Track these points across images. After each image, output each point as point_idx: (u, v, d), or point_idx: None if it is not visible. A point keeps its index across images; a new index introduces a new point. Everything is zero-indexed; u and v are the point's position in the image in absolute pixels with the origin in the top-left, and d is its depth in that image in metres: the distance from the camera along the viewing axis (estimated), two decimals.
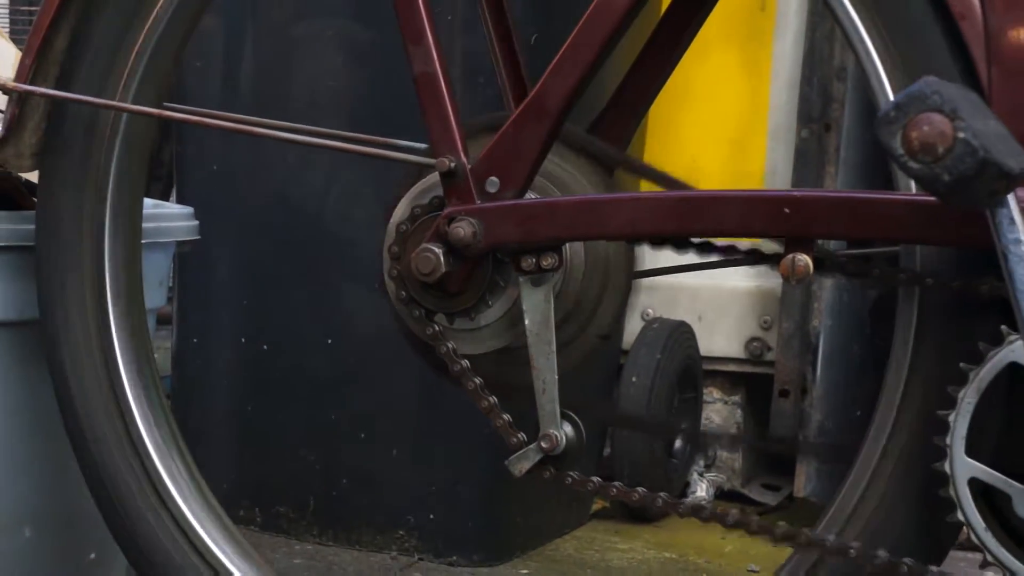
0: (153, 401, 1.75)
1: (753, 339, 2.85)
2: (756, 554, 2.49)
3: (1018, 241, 1.26)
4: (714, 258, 1.55)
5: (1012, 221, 1.26)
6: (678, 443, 2.81)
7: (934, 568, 1.38)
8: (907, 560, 1.38)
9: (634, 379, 2.68)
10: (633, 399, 2.67)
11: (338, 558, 2.37)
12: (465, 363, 1.53)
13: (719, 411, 2.92)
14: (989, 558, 1.33)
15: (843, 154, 2.71)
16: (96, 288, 1.73)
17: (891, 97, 1.40)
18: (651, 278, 2.75)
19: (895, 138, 1.24)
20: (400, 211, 1.57)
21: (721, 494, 2.87)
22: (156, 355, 1.83)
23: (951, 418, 1.34)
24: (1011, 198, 1.25)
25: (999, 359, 1.32)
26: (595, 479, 1.50)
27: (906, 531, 1.43)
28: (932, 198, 1.34)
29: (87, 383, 1.73)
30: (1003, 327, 1.31)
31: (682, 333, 2.80)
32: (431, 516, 2.39)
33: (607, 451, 2.70)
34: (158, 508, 1.72)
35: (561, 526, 2.61)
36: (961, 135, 1.22)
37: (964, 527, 1.34)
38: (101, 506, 1.75)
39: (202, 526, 1.71)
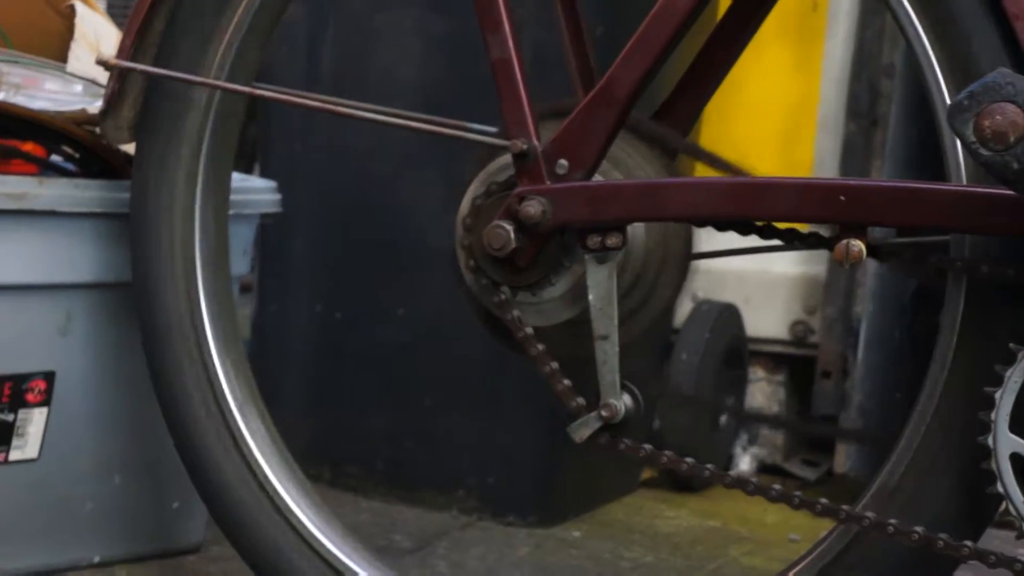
0: (235, 361, 1.76)
1: (797, 322, 2.85)
2: (796, 525, 2.49)
3: None
4: (772, 242, 1.54)
5: None
6: (723, 419, 2.80)
7: (969, 543, 1.37)
8: (943, 535, 1.37)
9: (684, 356, 2.68)
10: (682, 375, 2.67)
11: (401, 515, 2.38)
12: (529, 330, 1.53)
13: (763, 389, 2.91)
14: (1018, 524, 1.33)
15: (889, 149, 2.70)
16: (186, 254, 1.73)
17: (945, 93, 1.39)
18: (701, 263, 2.75)
19: (967, 126, 1.25)
20: (475, 187, 1.57)
21: (763, 468, 2.87)
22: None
23: (997, 395, 1.33)
24: None
25: None
26: (647, 446, 1.50)
27: (947, 505, 1.42)
28: (984, 188, 1.35)
29: (175, 343, 1.74)
30: None
31: (730, 315, 2.79)
32: (490, 479, 2.40)
33: (656, 424, 2.69)
34: (237, 462, 1.72)
35: (612, 493, 2.61)
36: None
37: (1003, 501, 1.33)
38: (184, 458, 1.77)
39: (278, 480, 1.72)
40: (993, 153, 1.24)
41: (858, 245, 1.39)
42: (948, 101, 1.38)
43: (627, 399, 1.51)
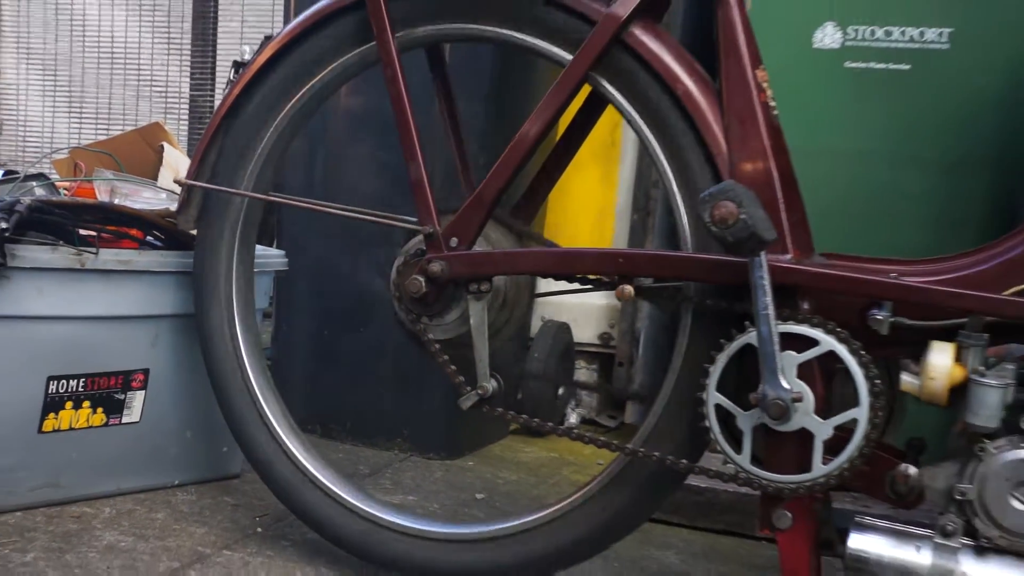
0: (258, 361, 1.76)
1: (604, 332, 2.86)
2: (603, 455, 2.51)
3: (762, 277, 1.29)
4: (580, 285, 1.57)
5: (761, 266, 1.29)
6: (560, 391, 2.81)
7: (684, 460, 1.41)
8: (669, 457, 1.42)
9: (536, 355, 2.67)
10: (535, 367, 2.67)
11: (363, 453, 2.38)
12: (431, 335, 1.55)
13: (584, 374, 2.92)
14: (718, 448, 1.36)
15: (656, 230, 2.73)
16: (227, 295, 1.74)
17: (679, 199, 1.43)
18: (546, 297, 2.75)
19: (706, 211, 1.28)
20: (402, 254, 1.59)
21: (584, 420, 2.88)
22: (262, 336, 1.84)
23: (711, 368, 1.36)
24: (764, 254, 1.29)
25: (742, 340, 1.34)
26: (500, 409, 1.53)
27: (682, 439, 1.45)
28: (701, 255, 1.39)
29: (221, 351, 1.75)
30: (747, 322, 1.34)
31: (564, 328, 2.78)
32: (418, 431, 2.40)
33: (519, 396, 2.69)
34: (260, 422, 1.73)
35: (492, 438, 2.62)
36: (742, 216, 1.26)
37: (709, 432, 1.37)
38: (227, 421, 1.77)
39: (285, 434, 1.72)
40: (718, 230, 1.27)
41: (629, 288, 1.42)
42: (681, 204, 1.42)
43: (494, 383, 1.52)
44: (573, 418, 2.85)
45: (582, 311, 2.86)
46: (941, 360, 1.26)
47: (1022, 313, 1.23)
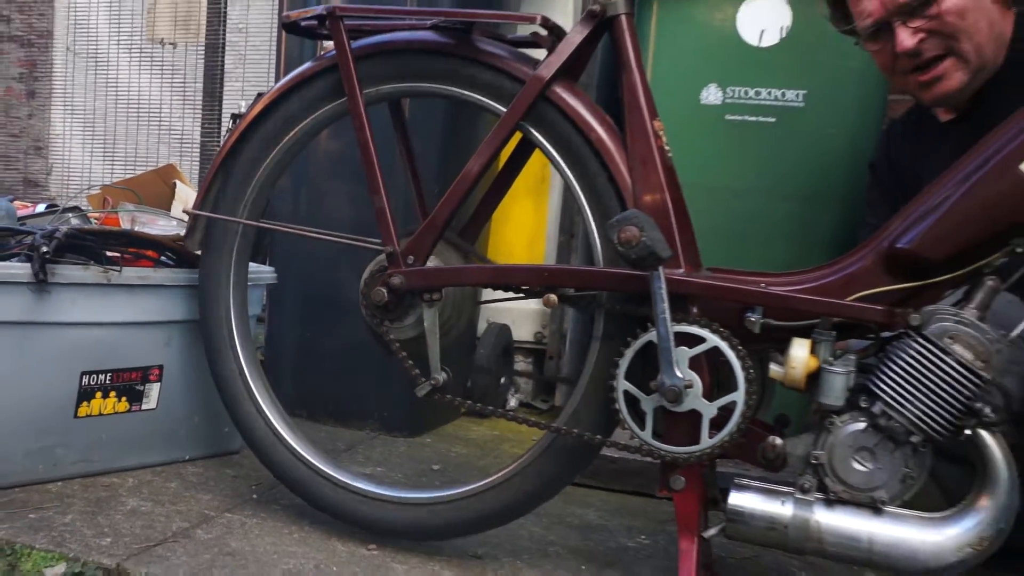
0: (252, 358, 1.73)
1: (538, 332, 2.86)
2: (536, 434, 2.50)
3: (660, 288, 1.30)
4: (515, 294, 1.56)
5: (659, 279, 1.30)
6: (502, 381, 2.81)
7: (599, 436, 1.41)
8: (587, 432, 1.41)
9: (481, 351, 2.68)
10: (481, 361, 2.68)
11: (340, 433, 2.35)
12: (391, 336, 1.53)
13: (521, 366, 2.91)
14: (626, 426, 1.36)
15: (579, 250, 2.74)
16: (225, 304, 1.71)
17: (593, 224, 1.42)
18: (491, 304, 2.75)
19: (615, 234, 1.28)
20: (371, 266, 1.57)
21: (521, 404, 2.87)
22: (257, 337, 1.82)
23: (620, 361, 1.36)
24: (661, 268, 1.29)
25: (644, 338, 1.35)
26: (449, 396, 1.51)
27: (597, 418, 1.44)
28: (610, 270, 1.38)
29: (221, 349, 1.72)
30: (648, 324, 1.34)
31: (505, 329, 2.80)
32: (386, 414, 2.38)
33: (469, 384, 2.69)
34: (253, 408, 1.70)
35: (445, 419, 2.60)
36: (644, 238, 1.26)
37: (619, 413, 1.36)
38: (227, 407, 1.74)
39: (273, 417, 1.70)
40: (624, 249, 1.27)
41: (553, 297, 1.42)
42: (595, 228, 1.42)
43: (444, 375, 1.51)
44: (513, 402, 2.84)
45: (520, 314, 2.84)
46: (800, 353, 1.27)
47: (860, 315, 1.26)
